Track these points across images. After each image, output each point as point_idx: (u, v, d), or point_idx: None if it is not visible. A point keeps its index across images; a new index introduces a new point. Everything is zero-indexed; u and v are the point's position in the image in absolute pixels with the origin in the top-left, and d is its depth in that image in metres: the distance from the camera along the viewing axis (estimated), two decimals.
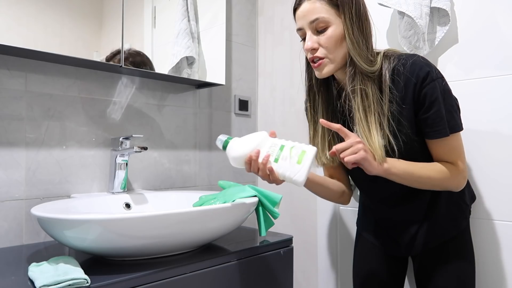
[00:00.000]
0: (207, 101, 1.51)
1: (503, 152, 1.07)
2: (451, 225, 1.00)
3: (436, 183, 0.91)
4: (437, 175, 0.90)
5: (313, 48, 0.91)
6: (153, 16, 1.22)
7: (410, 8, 1.10)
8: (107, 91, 1.21)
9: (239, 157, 0.89)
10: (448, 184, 0.92)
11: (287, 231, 1.54)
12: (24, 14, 0.95)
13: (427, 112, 0.88)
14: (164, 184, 1.35)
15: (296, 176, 0.85)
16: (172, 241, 0.82)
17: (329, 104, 1.02)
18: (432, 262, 1.00)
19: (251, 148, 0.88)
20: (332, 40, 0.90)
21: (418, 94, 0.88)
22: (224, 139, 0.91)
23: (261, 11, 1.72)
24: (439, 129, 0.89)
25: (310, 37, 0.91)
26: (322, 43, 0.91)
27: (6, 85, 1.02)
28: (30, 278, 0.72)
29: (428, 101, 0.88)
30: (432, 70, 0.88)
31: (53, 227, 0.76)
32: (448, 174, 0.90)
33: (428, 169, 0.91)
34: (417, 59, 0.90)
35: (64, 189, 1.11)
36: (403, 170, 0.89)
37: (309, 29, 0.92)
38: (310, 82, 1.02)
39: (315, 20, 0.90)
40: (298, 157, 0.85)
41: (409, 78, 0.88)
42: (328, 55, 0.91)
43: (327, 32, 0.90)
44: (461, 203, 1.01)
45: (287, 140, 0.88)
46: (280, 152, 0.86)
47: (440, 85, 0.88)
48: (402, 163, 0.90)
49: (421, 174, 0.90)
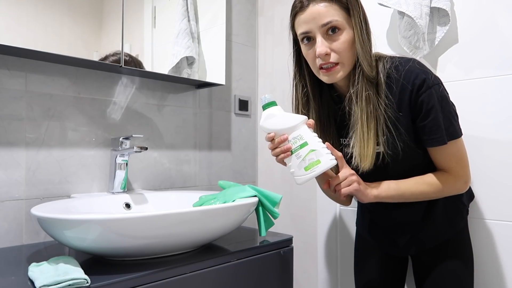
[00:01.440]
0: (207, 101, 1.51)
1: (502, 152, 1.07)
2: (448, 226, 1.00)
3: (433, 195, 0.92)
4: (430, 189, 0.91)
5: (326, 53, 0.87)
6: (153, 16, 1.22)
7: (410, 8, 1.10)
8: (107, 91, 1.21)
9: (266, 128, 0.90)
10: (446, 192, 0.92)
11: (287, 231, 1.54)
12: (24, 14, 0.95)
13: (424, 120, 0.88)
14: (164, 184, 1.35)
15: (296, 178, 0.88)
16: (172, 241, 0.82)
17: (322, 109, 1.00)
18: (430, 262, 1.00)
19: (281, 129, 0.88)
20: (346, 45, 0.87)
21: (415, 102, 0.87)
22: (266, 101, 0.90)
23: (261, 11, 1.72)
24: (436, 137, 0.88)
25: (322, 42, 0.87)
26: (335, 48, 0.87)
27: (6, 85, 1.02)
28: (30, 278, 0.72)
29: (425, 109, 0.87)
30: (428, 77, 0.86)
31: (53, 227, 0.76)
32: (442, 185, 0.90)
33: (420, 184, 0.91)
34: (412, 65, 0.88)
35: (64, 189, 1.11)
36: (393, 192, 0.91)
37: (319, 33, 0.87)
38: (304, 89, 0.99)
39: (328, 23, 0.86)
40: (309, 164, 0.86)
41: (404, 85, 0.87)
42: (340, 60, 0.88)
43: (341, 37, 0.87)
44: (458, 204, 1.01)
45: (315, 137, 0.88)
46: (299, 148, 0.87)
47: (437, 92, 0.87)
48: (391, 185, 0.91)
49: (413, 191, 0.91)
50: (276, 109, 0.90)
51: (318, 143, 0.87)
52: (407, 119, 0.89)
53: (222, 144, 1.56)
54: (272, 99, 0.90)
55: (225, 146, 1.57)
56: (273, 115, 0.89)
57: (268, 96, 0.90)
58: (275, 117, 0.89)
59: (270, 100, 0.90)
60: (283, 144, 0.88)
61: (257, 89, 1.72)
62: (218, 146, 1.54)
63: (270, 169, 1.66)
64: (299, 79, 0.99)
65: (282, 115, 0.89)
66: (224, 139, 1.57)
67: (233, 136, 1.61)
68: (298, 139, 0.87)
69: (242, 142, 1.64)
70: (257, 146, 1.71)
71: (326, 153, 0.86)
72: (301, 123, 0.88)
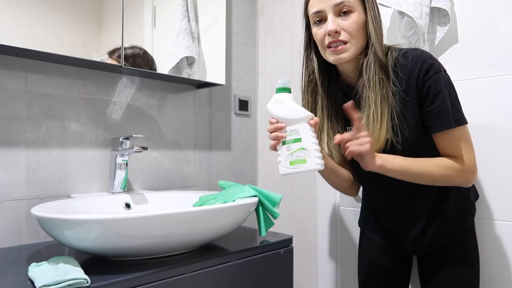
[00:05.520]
0: (207, 101, 1.51)
1: (503, 152, 1.07)
2: (458, 224, 0.98)
3: (439, 178, 0.89)
4: (438, 171, 0.88)
5: (336, 31, 0.89)
6: (153, 16, 1.22)
7: (410, 8, 1.10)
8: (107, 91, 1.21)
9: (270, 112, 0.91)
10: (453, 180, 0.90)
11: (287, 231, 1.54)
12: (24, 14, 0.95)
13: (431, 105, 0.87)
14: (164, 184, 1.35)
15: (280, 167, 0.90)
16: (172, 241, 0.82)
17: (329, 96, 1.00)
18: (437, 262, 0.99)
19: (282, 117, 0.89)
20: (356, 25, 0.89)
21: (422, 87, 0.88)
22: (281, 85, 0.90)
23: (261, 11, 1.72)
24: (443, 121, 0.87)
25: (333, 20, 0.89)
26: (345, 27, 0.89)
27: (6, 85, 1.02)
28: (30, 278, 0.72)
29: (432, 94, 0.87)
30: (435, 63, 0.88)
31: (53, 227, 0.76)
32: (451, 169, 0.88)
33: (428, 165, 0.89)
34: (420, 51, 0.90)
35: (64, 189, 1.11)
36: (399, 166, 0.88)
37: (332, 12, 0.89)
38: (310, 76, 1.00)
39: (341, 3, 0.88)
40: (295, 160, 0.87)
41: (412, 70, 0.88)
42: (351, 39, 0.89)
43: (352, 16, 0.89)
44: (467, 201, 1.00)
45: (313, 137, 0.88)
46: (292, 142, 0.88)
47: (444, 77, 0.88)
48: (398, 159, 0.89)
49: (419, 170, 0.88)
50: (287, 96, 0.90)
51: (312, 144, 0.87)
52: (414, 104, 0.89)
53: (222, 144, 1.56)
54: (287, 85, 0.90)
55: (225, 146, 1.57)
56: (280, 102, 0.90)
57: (285, 81, 0.91)
58: (281, 104, 0.89)
59: (286, 85, 0.90)
60: (278, 132, 0.89)
61: (257, 89, 1.72)
62: (218, 146, 1.54)
63: (270, 169, 1.66)
64: (307, 65, 1.01)
65: (289, 104, 0.89)
66: (224, 139, 1.57)
67: (233, 136, 1.61)
68: (294, 132, 0.88)
69: (242, 142, 1.64)
70: (257, 146, 1.71)
71: (315, 156, 0.86)
72: (303, 119, 0.88)
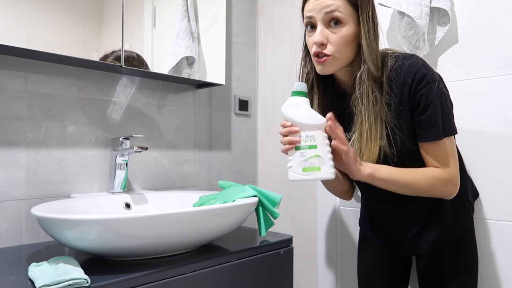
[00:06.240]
0: (207, 101, 1.51)
1: (503, 152, 1.07)
2: (455, 224, 0.99)
3: (423, 188, 0.89)
4: (424, 180, 0.89)
5: (322, 43, 0.88)
6: (153, 16, 1.22)
7: (410, 8, 1.10)
8: (107, 91, 1.21)
9: (285, 115, 0.89)
10: (437, 191, 0.90)
11: (287, 231, 1.54)
12: (24, 14, 0.95)
13: (422, 115, 0.88)
14: (164, 184, 1.35)
15: (291, 173, 0.87)
16: (172, 241, 0.82)
17: (325, 99, 1.00)
18: (435, 263, 1.00)
19: (299, 122, 0.87)
20: (343, 40, 0.88)
21: (414, 96, 0.88)
22: (298, 89, 0.89)
23: (261, 11, 1.72)
24: (432, 132, 0.88)
25: (321, 31, 0.88)
26: (332, 40, 0.88)
27: (6, 85, 1.02)
28: (30, 278, 0.72)
29: (424, 103, 0.87)
30: (429, 72, 0.87)
31: (53, 227, 0.76)
32: (437, 179, 0.89)
33: (415, 173, 0.89)
34: (415, 60, 0.89)
35: (64, 189, 1.11)
36: (387, 176, 0.88)
37: (322, 21, 0.88)
38: (308, 74, 0.99)
39: (331, 12, 0.87)
40: (309, 167, 0.85)
41: (406, 79, 0.88)
42: (335, 53, 0.89)
43: (341, 30, 0.88)
44: (464, 201, 1.00)
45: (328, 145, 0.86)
46: (306, 148, 0.86)
47: (437, 88, 0.87)
48: (386, 168, 0.89)
49: (407, 180, 0.89)
50: (304, 100, 0.89)
51: (327, 152, 0.86)
52: (408, 113, 0.89)
53: (222, 144, 1.56)
54: (304, 89, 0.89)
55: (225, 146, 1.57)
56: (297, 105, 0.88)
57: (302, 84, 0.89)
58: (299, 108, 0.88)
59: (303, 89, 0.89)
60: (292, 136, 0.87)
61: (257, 89, 1.72)
62: (218, 146, 1.54)
63: (270, 169, 1.66)
64: (305, 64, 1.00)
65: (307, 109, 0.88)
66: (224, 139, 1.57)
67: (233, 136, 1.61)
68: (310, 138, 0.86)
69: (242, 142, 1.64)
70: (257, 146, 1.71)
71: (330, 165, 0.85)
72: (320, 126, 0.87)
